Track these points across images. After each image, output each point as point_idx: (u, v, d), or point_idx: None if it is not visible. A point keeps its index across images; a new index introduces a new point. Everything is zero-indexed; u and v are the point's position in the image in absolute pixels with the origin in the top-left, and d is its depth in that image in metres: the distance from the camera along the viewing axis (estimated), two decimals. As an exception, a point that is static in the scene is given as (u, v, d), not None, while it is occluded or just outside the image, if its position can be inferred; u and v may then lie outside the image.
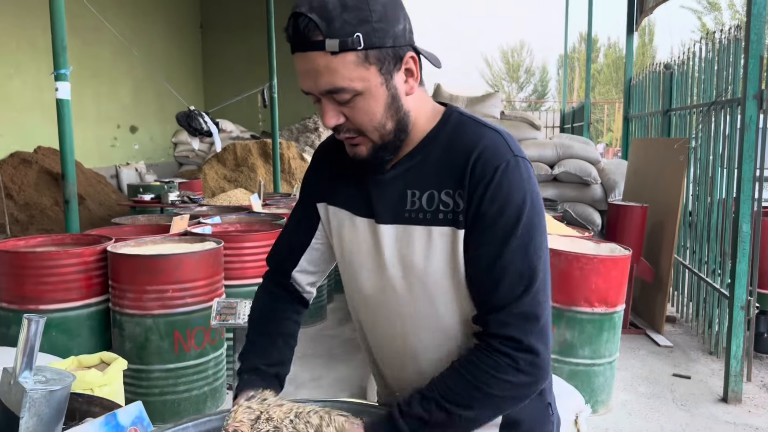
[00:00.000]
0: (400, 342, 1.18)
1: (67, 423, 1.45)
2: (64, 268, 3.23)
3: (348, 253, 1.21)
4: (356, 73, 1.00)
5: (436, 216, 1.08)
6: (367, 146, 1.10)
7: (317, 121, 13.59)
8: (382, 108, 1.05)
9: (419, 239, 1.09)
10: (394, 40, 1.02)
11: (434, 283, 1.10)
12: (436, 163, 1.10)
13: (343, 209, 1.21)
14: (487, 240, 1.04)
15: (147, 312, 3.20)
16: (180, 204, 5.85)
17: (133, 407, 1.20)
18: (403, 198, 1.11)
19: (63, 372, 1.34)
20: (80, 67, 11.32)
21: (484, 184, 1.04)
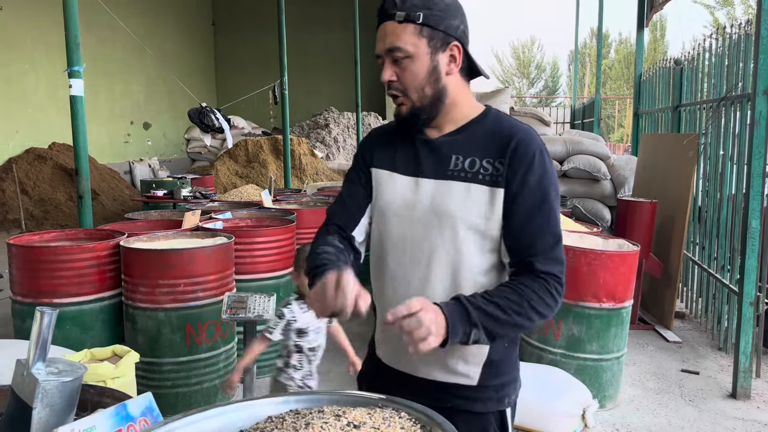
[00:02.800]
0: (418, 283, 1.41)
1: (79, 413, 1.49)
2: (77, 263, 3.29)
3: (384, 203, 1.46)
4: (411, 39, 1.32)
5: (476, 176, 1.37)
6: (407, 105, 1.38)
7: (327, 118, 13.62)
8: (424, 73, 1.35)
9: (458, 192, 1.37)
10: (446, 28, 1.34)
11: (464, 230, 1.36)
12: (479, 139, 1.40)
13: (385, 170, 1.47)
14: (529, 201, 1.34)
15: (159, 306, 3.26)
16: (192, 199, 5.92)
17: (143, 398, 1.24)
18: (447, 160, 1.39)
19: (75, 364, 1.39)
20: (94, 64, 11.44)
21: (528, 161, 1.34)
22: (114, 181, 10.83)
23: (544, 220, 1.34)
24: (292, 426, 1.13)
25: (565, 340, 3.53)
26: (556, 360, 3.53)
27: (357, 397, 1.30)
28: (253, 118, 14.14)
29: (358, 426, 1.10)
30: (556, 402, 3.15)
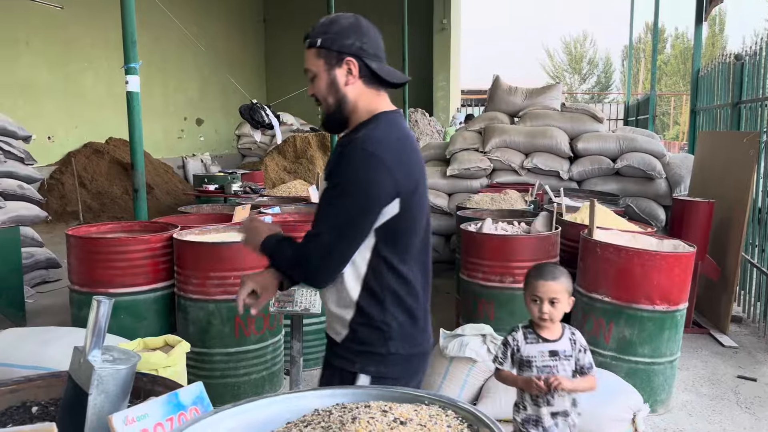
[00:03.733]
0: None
1: (132, 401, 1.54)
2: (132, 254, 3.39)
3: None
4: (313, 60, 1.66)
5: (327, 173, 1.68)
6: (322, 113, 1.71)
7: (375, 114, 13.64)
8: (325, 86, 1.66)
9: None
10: (340, 47, 1.63)
11: None
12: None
13: None
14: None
15: (209, 297, 3.33)
16: (242, 194, 6.02)
17: (194, 387, 1.27)
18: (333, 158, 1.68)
19: (129, 352, 1.43)
20: (150, 61, 11.75)
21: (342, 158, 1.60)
22: (167, 175, 11.13)
23: (329, 207, 1.60)
24: (339, 420, 1.13)
25: (615, 343, 3.44)
26: (607, 363, 3.44)
27: (403, 393, 1.30)
28: (301, 115, 14.28)
29: (405, 422, 1.09)
30: (606, 406, 3.07)
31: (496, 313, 3.72)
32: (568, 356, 2.22)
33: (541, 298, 2.19)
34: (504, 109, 7.37)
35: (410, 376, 1.71)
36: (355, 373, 1.66)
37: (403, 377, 1.67)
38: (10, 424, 1.44)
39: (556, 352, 2.22)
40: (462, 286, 4.11)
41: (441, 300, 5.54)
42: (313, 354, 3.91)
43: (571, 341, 2.24)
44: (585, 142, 6.67)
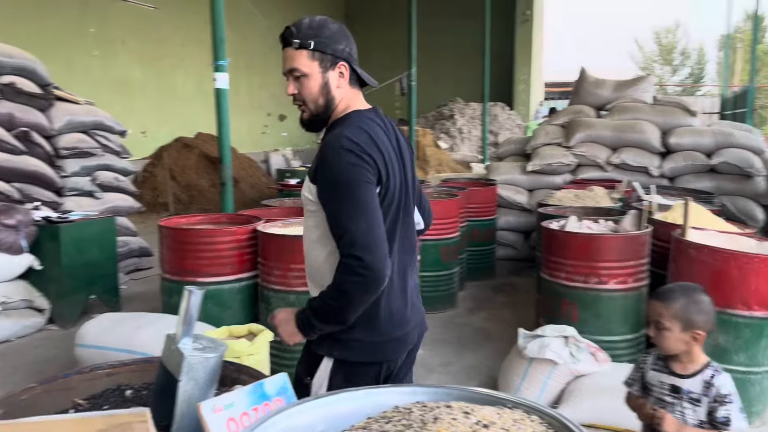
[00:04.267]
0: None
1: (219, 388, 1.59)
2: (219, 245, 3.52)
3: None
4: (305, 62, 1.69)
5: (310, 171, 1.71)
6: (307, 113, 1.74)
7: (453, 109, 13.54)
8: (317, 88, 1.71)
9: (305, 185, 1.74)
10: (333, 51, 1.70)
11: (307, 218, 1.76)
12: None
13: None
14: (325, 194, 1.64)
15: (291, 289, 3.40)
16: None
17: (279, 378, 1.29)
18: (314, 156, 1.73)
19: (217, 341, 1.47)
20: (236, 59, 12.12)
21: (323, 160, 1.63)
22: (252, 169, 11.48)
23: (337, 210, 1.60)
24: (420, 418, 1.12)
25: (708, 350, 3.21)
26: (698, 370, 3.25)
27: (486, 396, 1.27)
28: (380, 109, 14.39)
29: (488, 425, 1.07)
30: (696, 415, 2.91)
31: (580, 314, 3.60)
32: (694, 399, 1.88)
33: (648, 318, 1.97)
34: (590, 102, 7.11)
35: (380, 360, 1.73)
36: (321, 356, 1.73)
37: (371, 362, 1.73)
38: (105, 406, 1.52)
39: (679, 389, 1.91)
40: (543, 285, 4.00)
41: (520, 298, 5.43)
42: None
43: (705, 384, 1.88)
44: (678, 137, 6.34)
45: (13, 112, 5.05)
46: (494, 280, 6.04)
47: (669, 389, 1.93)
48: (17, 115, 5.08)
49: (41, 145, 5.29)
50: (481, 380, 3.73)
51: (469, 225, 5.73)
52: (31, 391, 1.45)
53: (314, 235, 1.72)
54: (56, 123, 5.46)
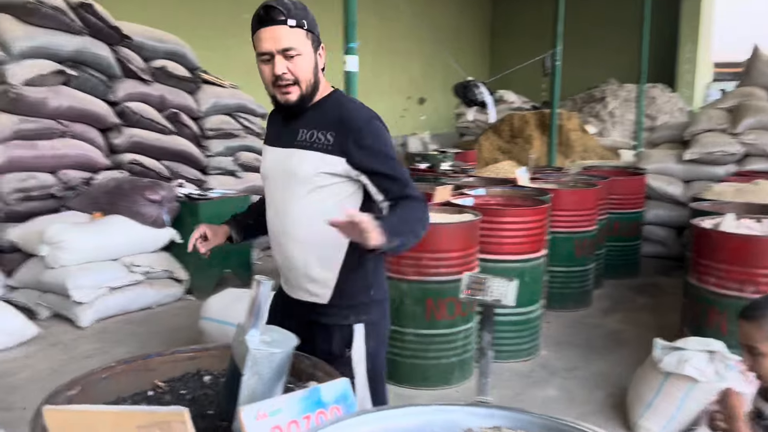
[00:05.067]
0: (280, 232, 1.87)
1: (294, 382, 1.52)
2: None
3: (262, 169, 1.92)
4: (302, 40, 1.72)
5: (312, 145, 1.76)
6: (296, 93, 1.75)
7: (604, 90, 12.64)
8: (311, 66, 1.75)
9: (297, 157, 1.78)
10: (317, 33, 1.78)
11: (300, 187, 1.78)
12: (319, 115, 1.78)
13: (266, 144, 1.93)
14: (372, 158, 1.74)
15: (403, 276, 3.30)
16: (451, 173, 5.95)
17: (339, 384, 1.18)
18: (296, 133, 1.80)
19: (288, 335, 1.39)
20: (378, 43, 12.27)
21: (356, 129, 1.73)
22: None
23: (391, 166, 1.75)
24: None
25: None
26: None
27: (573, 428, 1.07)
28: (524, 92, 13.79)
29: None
30: None
31: (729, 326, 3.14)
32: None
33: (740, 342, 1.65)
34: (763, 84, 6.24)
35: (386, 319, 1.95)
36: (350, 326, 1.83)
37: (382, 321, 1.92)
38: (183, 389, 1.51)
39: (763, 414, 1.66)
40: (690, 291, 3.55)
41: (665, 301, 4.91)
42: (506, 346, 3.71)
43: None
44: None
45: (164, 95, 5.43)
46: (636, 279, 5.52)
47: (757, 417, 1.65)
48: (168, 97, 5.45)
49: (189, 126, 5.65)
50: (608, 390, 3.40)
51: (609, 218, 5.26)
52: (111, 370, 1.46)
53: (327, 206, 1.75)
54: (203, 105, 5.80)
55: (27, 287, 4.39)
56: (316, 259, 1.80)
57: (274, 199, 1.87)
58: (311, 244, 1.79)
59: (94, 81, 4.93)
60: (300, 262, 1.82)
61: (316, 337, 1.81)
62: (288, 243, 1.83)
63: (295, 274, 1.85)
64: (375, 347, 1.88)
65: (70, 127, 4.78)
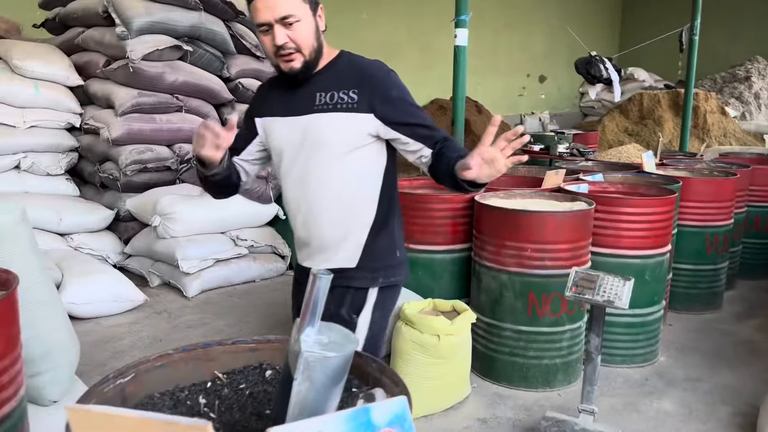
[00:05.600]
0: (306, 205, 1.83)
1: (359, 387, 1.36)
2: (434, 212, 3.32)
3: (275, 143, 1.82)
4: (300, 7, 1.66)
5: (335, 106, 1.73)
6: (299, 60, 1.69)
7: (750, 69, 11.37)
8: (312, 32, 1.70)
9: (324, 122, 1.73)
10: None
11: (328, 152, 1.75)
12: (335, 76, 1.76)
13: (273, 117, 1.82)
14: (400, 112, 1.76)
15: (503, 267, 3.06)
16: (567, 156, 5.54)
17: (396, 404, 1.00)
18: (313, 98, 1.75)
19: (350, 336, 1.23)
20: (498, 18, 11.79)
21: (381, 84, 1.76)
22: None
23: (421, 115, 1.79)
24: None
25: None
26: None
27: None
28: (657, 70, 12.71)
29: None
30: None
31: None
32: None
33: None
34: None
35: (407, 277, 1.95)
36: (366, 289, 1.83)
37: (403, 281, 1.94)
38: (243, 383, 1.40)
39: None
40: None
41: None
42: (619, 349, 3.37)
43: None
44: None
45: (274, 71, 5.45)
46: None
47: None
48: (278, 74, 5.47)
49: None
50: (736, 407, 2.98)
51: (748, 211, 4.66)
52: (168, 357, 1.38)
53: (357, 168, 1.75)
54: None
55: (141, 255, 4.60)
56: (350, 224, 1.78)
57: (292, 172, 1.80)
58: (343, 209, 1.77)
59: (208, 56, 5.03)
60: (332, 231, 1.79)
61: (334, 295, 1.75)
62: (316, 213, 1.79)
63: (326, 244, 1.81)
64: (378, 318, 1.89)
65: (186, 101, 4.91)
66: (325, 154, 1.73)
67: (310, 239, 1.84)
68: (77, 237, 4.43)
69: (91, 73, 4.91)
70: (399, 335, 2.80)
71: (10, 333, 1.65)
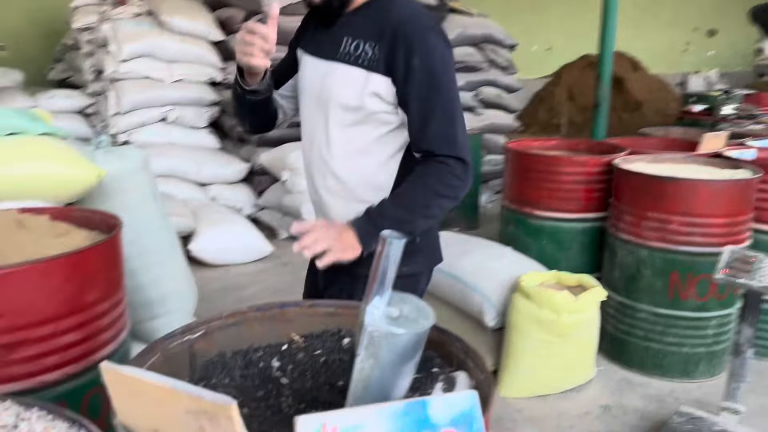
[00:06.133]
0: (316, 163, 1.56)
1: (442, 368, 1.20)
2: (564, 176, 3.02)
3: (301, 84, 1.56)
4: None
5: (357, 59, 1.42)
6: None
7: None
8: None
9: (340, 74, 1.44)
10: None
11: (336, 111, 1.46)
12: (365, 22, 1.44)
13: (305, 52, 1.56)
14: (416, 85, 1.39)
15: (643, 242, 2.72)
16: (734, 119, 4.84)
17: (464, 399, 0.83)
18: (339, 42, 1.46)
19: (425, 311, 1.07)
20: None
21: (408, 44, 1.37)
22: (661, 92, 10.09)
23: (434, 104, 1.38)
24: None
25: None
26: None
27: None
28: None
29: None
30: None
31: None
32: None
33: None
34: None
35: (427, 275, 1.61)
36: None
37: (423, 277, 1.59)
38: (319, 349, 1.31)
39: None
40: None
41: None
42: None
43: None
44: None
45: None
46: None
47: None
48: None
49: (432, 57, 5.45)
50: None
51: None
52: (242, 315, 1.31)
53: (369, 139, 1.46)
54: (449, 35, 5.53)
55: (272, 208, 4.73)
56: (357, 199, 1.48)
57: (308, 122, 1.54)
58: (350, 181, 1.50)
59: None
60: (336, 207, 1.54)
61: (337, 282, 1.53)
62: (322, 177, 1.54)
63: (331, 214, 1.55)
64: None
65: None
66: (337, 116, 1.45)
67: (316, 206, 1.63)
68: (214, 188, 4.64)
69: (232, 29, 5.04)
70: (514, 308, 2.59)
71: (112, 276, 1.68)
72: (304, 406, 1.18)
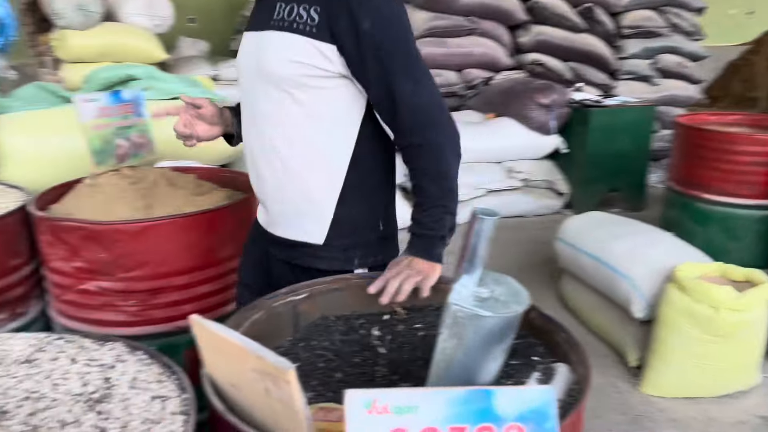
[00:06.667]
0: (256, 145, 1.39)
1: (543, 357, 1.12)
2: (742, 156, 2.66)
3: (237, 64, 1.43)
4: None
5: (291, 25, 1.25)
6: None
7: None
8: None
9: (274, 45, 1.27)
10: None
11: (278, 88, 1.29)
12: None
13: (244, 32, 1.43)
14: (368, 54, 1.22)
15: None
16: None
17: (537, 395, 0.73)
18: (273, 8, 1.30)
19: (520, 295, 0.99)
20: None
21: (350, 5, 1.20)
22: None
23: (393, 73, 1.22)
24: None
25: None
26: None
27: None
28: None
29: None
30: None
31: None
32: None
33: None
34: None
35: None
36: (338, 272, 1.37)
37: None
38: (419, 323, 1.29)
39: None
40: None
41: None
42: None
43: None
44: None
45: (580, -13, 4.93)
46: None
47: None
48: (584, -9, 4.94)
49: (603, 22, 5.05)
50: None
51: None
52: (346, 281, 1.33)
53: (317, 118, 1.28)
54: (625, -3, 5.09)
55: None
56: (306, 187, 1.33)
57: (247, 104, 1.39)
58: (298, 166, 1.32)
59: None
60: (284, 192, 1.36)
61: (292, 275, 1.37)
62: (265, 163, 1.36)
63: (277, 206, 1.39)
64: None
65: (479, 24, 4.77)
66: (274, 89, 1.28)
67: (259, 194, 1.44)
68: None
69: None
70: (666, 300, 2.34)
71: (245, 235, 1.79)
72: (397, 378, 1.16)
